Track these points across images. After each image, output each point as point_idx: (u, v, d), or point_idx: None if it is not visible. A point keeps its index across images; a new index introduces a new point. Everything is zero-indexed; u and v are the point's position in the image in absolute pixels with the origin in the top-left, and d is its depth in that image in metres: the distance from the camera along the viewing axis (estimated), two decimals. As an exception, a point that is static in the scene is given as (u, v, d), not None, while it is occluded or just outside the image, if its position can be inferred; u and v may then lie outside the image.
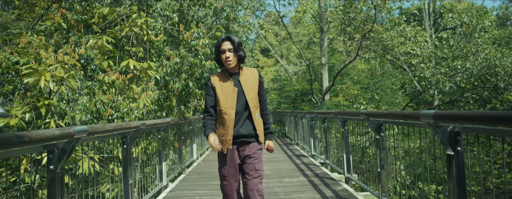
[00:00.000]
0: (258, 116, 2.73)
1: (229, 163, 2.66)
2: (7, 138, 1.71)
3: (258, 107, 2.74)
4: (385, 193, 3.85)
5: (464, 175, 2.38)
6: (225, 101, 2.63)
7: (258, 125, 2.70)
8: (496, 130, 2.13)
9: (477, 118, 1.99)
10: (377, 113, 3.58)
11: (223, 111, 2.63)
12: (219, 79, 2.70)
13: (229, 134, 2.61)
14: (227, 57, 2.63)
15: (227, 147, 2.63)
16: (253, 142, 2.67)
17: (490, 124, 2.00)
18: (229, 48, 2.64)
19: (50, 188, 2.37)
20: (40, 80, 3.62)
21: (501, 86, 10.83)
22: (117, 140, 4.73)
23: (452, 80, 11.71)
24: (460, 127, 2.32)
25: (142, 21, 4.79)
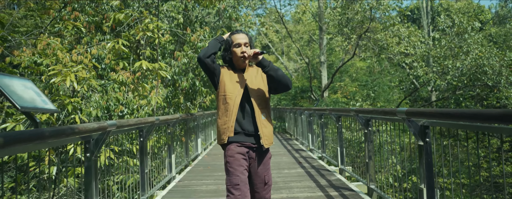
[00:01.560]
0: (265, 117, 2.42)
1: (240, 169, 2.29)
2: (64, 129, 2.19)
3: (266, 108, 2.44)
4: (372, 181, 4.33)
5: (432, 161, 2.85)
6: (232, 85, 2.39)
7: (263, 126, 2.38)
8: (457, 124, 2.60)
9: (439, 114, 2.47)
10: (365, 110, 4.05)
11: (227, 96, 2.37)
12: (227, 68, 2.50)
13: (232, 120, 2.34)
14: (243, 51, 2.39)
15: (228, 135, 2.34)
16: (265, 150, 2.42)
17: (452, 119, 2.47)
18: (246, 42, 2.43)
19: (86, 171, 2.85)
20: (66, 80, 4.09)
21: (489, 84, 11.32)
22: (135, 133, 5.21)
23: (443, 78, 12.21)
24: (428, 122, 2.79)
25: (154, 25, 5.26)
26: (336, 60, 21.11)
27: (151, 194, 4.67)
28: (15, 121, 4.17)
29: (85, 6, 7.89)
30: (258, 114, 2.38)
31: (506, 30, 21.70)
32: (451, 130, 2.89)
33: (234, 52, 2.43)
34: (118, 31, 7.07)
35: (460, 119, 2.18)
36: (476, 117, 1.90)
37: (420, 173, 2.92)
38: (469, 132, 2.53)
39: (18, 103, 2.02)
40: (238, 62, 2.45)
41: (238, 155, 2.31)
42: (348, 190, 4.59)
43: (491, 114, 1.77)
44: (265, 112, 2.42)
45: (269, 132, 2.43)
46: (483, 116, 1.83)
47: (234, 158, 2.31)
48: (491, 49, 11.79)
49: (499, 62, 11.12)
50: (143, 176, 4.24)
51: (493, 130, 2.07)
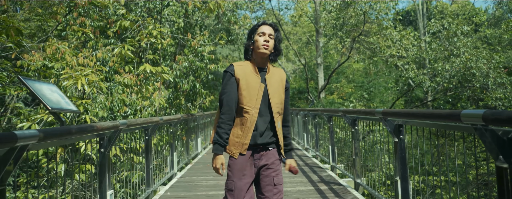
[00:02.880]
0: (280, 124, 2.28)
1: (237, 174, 2.17)
2: (86, 127, 2.56)
3: (281, 115, 2.29)
4: (359, 176, 4.71)
5: (406, 156, 3.23)
6: (249, 96, 2.16)
7: (280, 135, 2.26)
8: (426, 123, 2.98)
9: (408, 114, 2.86)
10: (351, 110, 4.44)
11: (245, 109, 2.16)
12: (244, 70, 2.19)
13: (247, 137, 2.15)
14: (267, 41, 2.18)
15: (240, 151, 2.16)
16: (272, 148, 2.25)
17: (416, 118, 2.85)
18: (271, 34, 2.22)
19: (101, 165, 3.22)
20: (78, 83, 4.46)
21: (477, 86, 11.76)
22: (139, 132, 5.58)
23: (433, 80, 12.63)
24: (402, 121, 3.17)
25: (157, 32, 5.64)
26: (333, 62, 21.51)
27: (154, 189, 5.04)
28: (30, 121, 4.54)
29: (90, 11, 8.26)
30: (276, 121, 2.22)
31: (500, 32, 22.09)
32: (419, 127, 3.26)
33: (256, 40, 2.20)
34: (125, 36, 7.45)
35: (422, 118, 2.56)
36: (432, 116, 2.28)
37: (395, 166, 3.30)
38: (432, 129, 2.89)
39: (48, 104, 2.39)
40: (259, 53, 2.19)
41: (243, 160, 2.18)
42: (337, 184, 4.97)
43: (441, 114, 2.15)
44: (280, 118, 2.28)
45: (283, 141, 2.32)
46: (434, 115, 2.21)
47: (236, 162, 2.18)
48: (480, 52, 12.21)
49: (487, 64, 11.55)
50: (148, 172, 4.61)
51: (446, 128, 2.45)
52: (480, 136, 1.92)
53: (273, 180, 2.21)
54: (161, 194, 4.87)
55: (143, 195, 4.54)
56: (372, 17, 12.58)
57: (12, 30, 4.09)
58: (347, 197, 4.27)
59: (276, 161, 2.25)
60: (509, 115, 1.66)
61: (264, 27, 2.23)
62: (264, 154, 2.23)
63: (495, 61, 11.74)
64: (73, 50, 6.80)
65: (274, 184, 2.21)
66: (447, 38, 12.38)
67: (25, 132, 1.83)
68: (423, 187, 9.36)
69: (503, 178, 1.85)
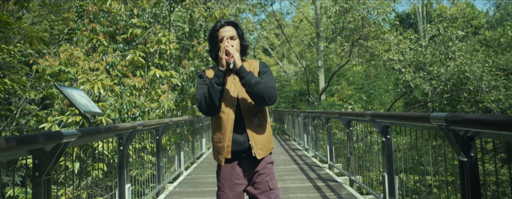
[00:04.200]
0: (260, 120, 2.11)
1: (227, 184, 2.09)
2: (111, 128, 2.96)
3: (260, 112, 2.13)
4: (353, 174, 5.08)
5: (392, 153, 3.61)
6: (223, 97, 2.07)
7: (255, 135, 2.08)
8: (406, 124, 3.35)
9: (392, 116, 3.24)
10: (346, 113, 4.82)
11: (220, 109, 2.07)
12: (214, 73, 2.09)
13: (227, 138, 2.05)
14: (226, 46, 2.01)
15: (225, 156, 2.07)
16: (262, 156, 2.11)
17: (398, 120, 3.23)
18: (232, 35, 2.09)
19: (120, 161, 3.61)
20: (94, 87, 4.86)
21: (471, 89, 12.15)
22: (147, 133, 5.98)
23: (429, 83, 13.04)
24: (388, 122, 3.55)
25: (166, 39, 6.04)
26: (333, 64, 21.90)
27: (163, 185, 5.43)
28: (50, 122, 4.94)
29: (100, 17, 8.68)
30: (248, 121, 2.08)
31: (499, 34, 22.41)
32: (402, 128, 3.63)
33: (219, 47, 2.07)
34: (134, 42, 7.85)
35: (401, 120, 2.95)
36: (408, 118, 2.67)
37: (383, 163, 3.68)
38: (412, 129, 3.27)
39: (80, 107, 2.79)
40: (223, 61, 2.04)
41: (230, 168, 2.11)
42: (333, 181, 5.35)
43: (414, 116, 2.54)
44: (259, 116, 2.11)
45: (264, 140, 2.11)
46: (410, 118, 2.60)
47: (224, 170, 2.12)
48: (474, 56, 12.59)
49: (481, 68, 11.93)
50: (159, 169, 5.00)
51: (423, 128, 2.84)
52: (445, 135, 2.30)
53: (268, 185, 2.08)
54: (170, 189, 5.26)
55: (153, 191, 4.92)
56: (372, 19, 12.99)
57: (36, 39, 4.49)
58: (342, 192, 4.64)
59: (267, 165, 2.12)
60: (464, 117, 2.04)
61: (222, 31, 2.09)
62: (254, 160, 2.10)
63: (488, 65, 12.12)
64: (84, 55, 7.21)
65: (270, 188, 2.08)
66: (442, 43, 12.78)
67: (68, 131, 2.22)
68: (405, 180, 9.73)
69: (463, 169, 2.23)
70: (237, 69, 2.00)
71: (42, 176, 2.15)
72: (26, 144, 1.85)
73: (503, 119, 1.70)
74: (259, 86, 1.98)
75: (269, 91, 2.01)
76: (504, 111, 12.96)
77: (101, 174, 5.19)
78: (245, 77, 1.99)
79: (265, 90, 2.00)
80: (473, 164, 2.20)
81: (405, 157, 3.67)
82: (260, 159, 2.10)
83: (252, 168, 2.11)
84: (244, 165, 2.11)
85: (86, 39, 7.28)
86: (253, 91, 1.99)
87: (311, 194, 4.62)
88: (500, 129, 1.79)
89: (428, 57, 12.79)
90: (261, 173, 2.09)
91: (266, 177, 2.09)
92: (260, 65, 2.19)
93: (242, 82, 2.01)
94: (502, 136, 1.99)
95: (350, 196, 4.44)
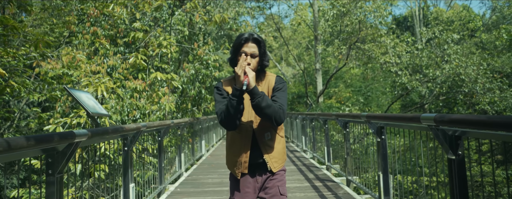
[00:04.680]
0: (272, 134, 2.13)
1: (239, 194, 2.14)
2: (118, 128, 3.08)
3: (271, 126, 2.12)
4: (350, 174, 5.22)
5: (386, 153, 3.75)
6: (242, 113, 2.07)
7: (268, 149, 2.11)
8: (404, 125, 3.49)
9: (386, 118, 3.38)
10: (342, 114, 4.96)
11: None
12: (231, 85, 2.15)
13: (245, 155, 2.09)
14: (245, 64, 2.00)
15: (241, 171, 2.11)
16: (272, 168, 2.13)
17: (391, 121, 3.37)
18: (253, 53, 2.08)
19: (124, 161, 3.74)
20: (98, 90, 4.99)
21: (466, 91, 12.35)
22: (154, 134, 6.11)
23: (425, 86, 13.25)
24: (383, 123, 3.70)
25: (167, 42, 6.18)
26: (331, 67, 22.08)
27: (164, 186, 5.55)
28: (54, 124, 5.06)
29: (101, 21, 8.82)
30: (260, 136, 2.11)
31: (494, 37, 22.65)
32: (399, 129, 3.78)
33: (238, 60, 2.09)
34: (135, 45, 7.99)
35: (394, 120, 3.10)
36: (400, 119, 2.82)
37: (378, 162, 3.82)
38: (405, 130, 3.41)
39: (89, 109, 2.92)
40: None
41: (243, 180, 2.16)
42: (330, 181, 5.48)
43: (406, 117, 2.68)
44: (270, 130, 2.13)
45: (278, 153, 2.15)
46: (402, 118, 2.74)
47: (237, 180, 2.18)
48: (470, 59, 12.80)
49: (476, 70, 12.14)
50: (161, 170, 5.13)
51: (415, 128, 2.98)
52: (434, 134, 2.44)
53: (279, 190, 2.12)
54: (171, 190, 5.38)
55: (155, 191, 5.05)
56: (370, 22, 13.19)
57: (41, 43, 4.62)
58: (339, 192, 4.78)
59: (280, 172, 2.17)
60: (450, 117, 2.18)
61: (246, 46, 2.08)
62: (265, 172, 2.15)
63: (483, 68, 12.32)
64: (86, 58, 7.34)
65: (280, 193, 2.12)
66: (438, 46, 12.99)
67: (79, 131, 2.36)
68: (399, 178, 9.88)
69: (451, 167, 2.38)
70: (250, 89, 1.97)
71: (55, 174, 2.28)
72: (43, 143, 1.98)
73: (485, 119, 1.84)
74: (268, 110, 1.97)
75: (278, 114, 2.01)
76: (500, 113, 13.16)
77: (104, 175, 5.30)
78: (255, 99, 1.96)
79: (273, 114, 2.00)
80: (460, 162, 2.34)
81: (400, 158, 3.81)
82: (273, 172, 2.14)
83: (265, 175, 2.15)
84: (257, 175, 2.15)
85: (87, 42, 7.41)
86: (261, 114, 2.00)
87: (309, 193, 4.75)
88: (483, 128, 1.93)
89: (424, 60, 13.00)
90: (273, 179, 2.14)
91: (278, 182, 2.14)
92: (277, 80, 2.19)
93: (253, 104, 1.98)
94: (486, 135, 2.13)
95: (346, 195, 4.57)
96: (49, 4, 11.28)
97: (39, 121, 7.89)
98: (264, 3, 19.73)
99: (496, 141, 2.16)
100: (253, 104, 1.97)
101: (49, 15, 11.15)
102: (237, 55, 2.11)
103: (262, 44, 2.13)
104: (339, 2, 12.44)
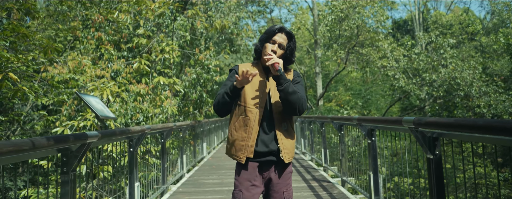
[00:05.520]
0: (288, 126, 2.14)
1: (245, 184, 2.08)
2: (125, 130, 3.32)
3: (288, 118, 2.16)
4: (345, 175, 5.44)
5: (376, 154, 3.98)
6: (254, 95, 2.09)
7: (283, 138, 2.09)
8: (386, 127, 3.72)
9: (375, 120, 3.61)
10: (337, 117, 5.20)
11: (248, 108, 2.09)
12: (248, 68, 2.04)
13: (252, 138, 2.06)
14: (274, 51, 2.08)
15: (247, 155, 2.07)
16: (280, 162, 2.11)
17: (381, 124, 3.60)
18: (281, 43, 2.11)
19: (130, 162, 3.98)
20: (103, 94, 5.23)
21: (462, 95, 12.59)
22: (157, 136, 6.35)
23: (422, 89, 13.51)
24: (373, 126, 3.92)
25: (170, 48, 6.44)
26: (331, 70, 22.32)
27: (167, 186, 5.78)
28: (62, 127, 5.31)
29: (105, 26, 9.09)
30: (278, 124, 2.10)
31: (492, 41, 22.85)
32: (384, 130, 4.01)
33: (265, 47, 2.12)
34: (139, 51, 8.26)
35: (380, 123, 3.33)
36: (385, 121, 3.05)
37: (369, 163, 4.05)
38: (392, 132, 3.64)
39: (98, 113, 3.16)
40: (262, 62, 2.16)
41: (250, 168, 2.11)
42: (327, 182, 5.70)
43: (390, 120, 2.91)
44: (287, 122, 2.14)
45: (291, 145, 2.13)
46: (387, 121, 2.97)
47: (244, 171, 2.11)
48: (466, 63, 13.03)
49: (471, 74, 12.38)
50: (164, 170, 5.37)
51: (400, 130, 3.21)
52: (415, 136, 2.67)
53: (284, 196, 2.11)
54: (174, 190, 5.61)
55: (158, 191, 5.28)
56: (368, 26, 13.46)
57: (51, 49, 4.87)
58: (333, 191, 5.00)
59: (287, 175, 2.14)
60: (426, 120, 2.41)
61: (278, 35, 2.12)
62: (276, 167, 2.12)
63: (478, 72, 12.56)
64: (95, 65, 7.60)
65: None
66: (435, 50, 13.24)
67: (91, 132, 2.60)
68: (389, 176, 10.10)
69: (430, 165, 2.60)
70: (278, 75, 2.01)
71: (69, 171, 2.52)
72: (61, 143, 2.22)
73: (453, 122, 2.07)
74: (294, 96, 2.01)
75: (301, 103, 2.05)
76: (499, 116, 13.36)
77: (109, 176, 5.54)
78: (283, 84, 2.00)
79: (298, 102, 2.03)
80: (437, 160, 2.57)
81: (390, 159, 4.05)
82: (282, 165, 2.13)
83: (272, 173, 2.12)
84: (265, 169, 2.12)
85: (91, 47, 7.68)
86: (287, 100, 2.01)
87: (305, 193, 4.97)
88: (453, 130, 2.16)
89: (421, 64, 13.25)
90: (279, 182, 2.11)
91: (283, 187, 2.11)
92: (295, 74, 2.25)
93: (280, 89, 2.01)
94: (459, 136, 2.36)
95: (341, 194, 4.79)
96: (54, 9, 11.57)
97: (45, 124, 8.14)
98: (264, 8, 20.03)
99: (466, 141, 2.38)
100: (281, 89, 1.99)
101: (54, 21, 11.44)
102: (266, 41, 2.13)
103: (293, 40, 2.17)
104: (338, 7, 12.72)
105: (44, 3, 12.17)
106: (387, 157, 6.84)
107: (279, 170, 2.13)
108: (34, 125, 10.07)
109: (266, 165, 2.11)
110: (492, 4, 22.93)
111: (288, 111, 2.07)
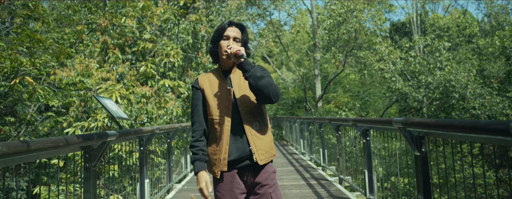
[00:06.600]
0: (260, 124, 2.01)
1: (228, 194, 1.96)
2: (138, 130, 3.60)
3: (259, 115, 2.02)
4: (342, 173, 5.72)
5: (371, 152, 4.26)
6: (217, 106, 1.98)
7: (256, 139, 1.97)
8: (388, 128, 3.99)
9: (369, 121, 3.89)
10: (335, 118, 5.47)
11: (214, 120, 1.98)
12: (209, 79, 2.05)
13: (223, 150, 1.94)
14: (229, 47, 1.93)
15: (220, 169, 1.95)
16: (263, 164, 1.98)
17: (376, 124, 3.88)
18: (235, 36, 1.99)
19: (140, 160, 4.25)
20: (112, 96, 5.50)
21: (457, 96, 12.90)
22: (162, 137, 6.62)
23: (418, 91, 13.84)
24: (368, 126, 4.20)
25: (174, 52, 6.72)
26: (330, 72, 22.63)
27: (172, 184, 6.05)
28: (73, 127, 5.58)
29: (111, 30, 9.37)
30: (249, 125, 1.97)
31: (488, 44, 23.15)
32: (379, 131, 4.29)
33: (220, 46, 2.00)
34: (146, 56, 8.53)
35: (374, 124, 3.61)
36: (378, 122, 3.33)
37: (364, 161, 4.32)
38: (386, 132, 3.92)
39: (113, 114, 3.43)
40: (223, 60, 2.03)
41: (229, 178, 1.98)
42: (324, 180, 5.98)
43: (382, 120, 3.19)
44: (259, 120, 2.01)
45: (265, 144, 2.00)
46: (379, 122, 3.25)
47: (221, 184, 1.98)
48: (461, 65, 13.35)
49: (466, 77, 12.70)
50: (170, 169, 5.64)
51: (392, 130, 3.48)
52: (403, 135, 2.95)
53: (271, 197, 1.96)
54: (179, 187, 5.88)
55: (164, 188, 5.54)
56: (366, 28, 13.76)
57: (63, 54, 5.14)
58: (331, 188, 5.28)
59: (270, 175, 2.01)
60: (413, 120, 2.69)
61: (229, 30, 2.00)
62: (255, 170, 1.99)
63: (472, 74, 12.88)
64: (101, 68, 7.87)
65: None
66: (430, 53, 13.56)
67: (111, 132, 2.87)
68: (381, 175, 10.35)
69: (417, 162, 2.88)
70: (242, 62, 1.89)
71: (91, 166, 2.80)
72: (87, 140, 2.50)
73: (434, 122, 2.35)
74: (263, 80, 1.87)
75: (273, 87, 1.91)
76: (494, 117, 13.66)
77: (117, 174, 5.80)
78: (250, 70, 1.87)
79: (270, 86, 1.89)
80: (424, 157, 2.85)
81: (386, 160, 4.32)
82: (261, 167, 1.99)
83: (253, 177, 1.99)
84: (244, 174, 2.00)
85: (97, 50, 7.95)
86: (257, 86, 1.87)
87: (304, 190, 5.25)
88: (437, 129, 2.43)
89: (418, 67, 13.56)
90: (264, 185, 1.97)
91: (269, 188, 1.97)
92: (260, 67, 2.07)
93: (246, 76, 1.88)
94: (443, 135, 2.64)
95: (338, 191, 5.07)
96: (58, 13, 11.83)
97: (53, 125, 8.41)
98: (264, 11, 20.33)
99: (447, 139, 2.66)
100: (248, 75, 1.88)
101: (58, 24, 11.71)
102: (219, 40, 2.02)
103: (245, 31, 2.06)
104: (336, 11, 13.04)
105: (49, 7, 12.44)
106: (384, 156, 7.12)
107: (259, 173, 1.99)
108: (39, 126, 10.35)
109: (245, 170, 2.00)
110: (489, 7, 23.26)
111: (262, 99, 1.93)
